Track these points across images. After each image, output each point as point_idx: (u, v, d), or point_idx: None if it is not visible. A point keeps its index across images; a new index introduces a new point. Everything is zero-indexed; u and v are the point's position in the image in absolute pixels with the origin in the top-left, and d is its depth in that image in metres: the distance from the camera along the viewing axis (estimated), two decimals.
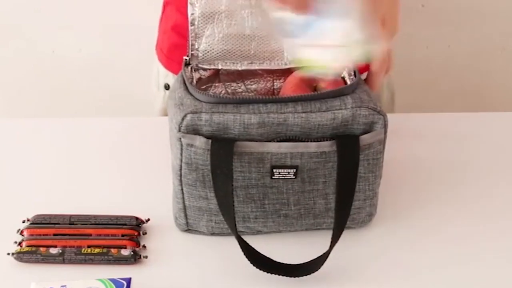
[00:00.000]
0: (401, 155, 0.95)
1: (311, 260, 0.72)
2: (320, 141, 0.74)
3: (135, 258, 0.75)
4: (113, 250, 0.75)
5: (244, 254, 0.72)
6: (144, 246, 0.78)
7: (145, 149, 0.97)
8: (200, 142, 0.73)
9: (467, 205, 0.87)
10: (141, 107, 1.33)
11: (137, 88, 1.56)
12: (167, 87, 1.12)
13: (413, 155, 0.96)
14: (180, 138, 0.74)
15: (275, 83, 0.88)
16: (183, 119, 0.73)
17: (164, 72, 1.12)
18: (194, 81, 0.84)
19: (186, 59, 0.83)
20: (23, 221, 0.80)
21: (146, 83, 1.22)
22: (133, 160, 0.94)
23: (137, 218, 0.81)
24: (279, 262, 0.72)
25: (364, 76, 0.82)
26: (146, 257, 0.76)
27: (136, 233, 0.79)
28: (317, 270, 0.72)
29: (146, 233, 0.80)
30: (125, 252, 0.75)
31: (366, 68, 0.82)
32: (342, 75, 0.83)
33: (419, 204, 0.87)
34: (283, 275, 0.72)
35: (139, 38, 1.37)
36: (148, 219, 0.81)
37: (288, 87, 0.83)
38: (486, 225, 0.83)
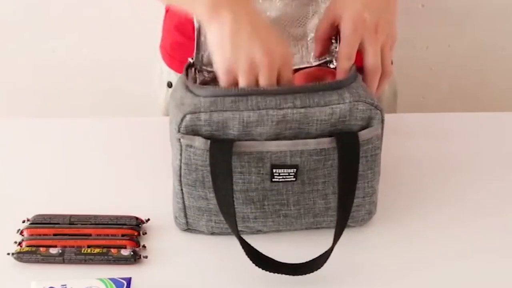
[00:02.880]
0: (401, 155, 0.95)
1: (313, 259, 0.72)
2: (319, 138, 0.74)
3: (135, 258, 0.75)
4: (113, 250, 0.75)
5: (246, 254, 0.72)
6: (144, 246, 0.78)
7: (146, 149, 0.97)
8: (199, 142, 0.73)
9: (467, 204, 0.87)
10: (142, 106, 1.33)
11: (139, 88, 1.57)
12: (169, 85, 1.12)
13: (413, 155, 0.96)
14: (180, 139, 0.74)
15: None
16: (182, 119, 0.73)
17: (167, 71, 1.13)
18: (198, 82, 0.84)
19: (190, 61, 0.83)
20: (23, 221, 0.80)
21: (148, 83, 1.22)
22: (134, 160, 0.94)
23: (137, 218, 0.81)
24: (281, 262, 0.72)
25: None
26: (146, 257, 0.76)
27: (136, 233, 0.79)
28: (319, 269, 0.72)
29: (146, 233, 0.80)
30: (125, 252, 0.75)
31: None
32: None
33: (418, 203, 0.87)
34: (285, 274, 0.72)
35: (141, 38, 1.37)
36: (148, 219, 0.81)
37: None
38: (485, 223, 0.83)
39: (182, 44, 1.05)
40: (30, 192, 0.88)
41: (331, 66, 0.86)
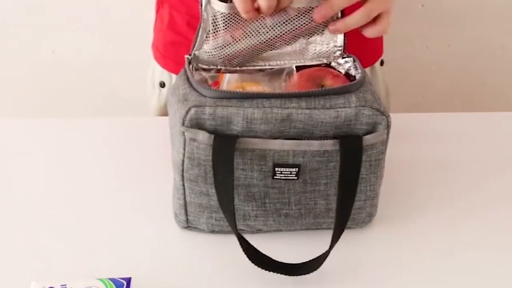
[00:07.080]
0: (400, 155, 0.95)
1: (311, 260, 0.72)
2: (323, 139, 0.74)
3: None
4: None
5: (244, 253, 0.72)
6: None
7: (146, 148, 0.97)
8: (203, 136, 0.73)
9: (467, 204, 0.87)
10: (141, 106, 1.33)
11: (138, 88, 1.57)
12: (162, 84, 1.12)
13: (412, 155, 0.96)
14: (184, 132, 0.74)
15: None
16: (187, 112, 0.73)
17: (159, 70, 1.12)
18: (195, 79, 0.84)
19: (188, 58, 0.83)
20: None
21: (146, 83, 1.22)
22: (133, 160, 0.94)
23: None
24: (279, 261, 0.72)
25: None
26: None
27: None
28: (316, 270, 0.72)
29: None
30: None
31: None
32: (349, 71, 0.83)
33: (418, 204, 0.87)
34: (281, 274, 0.72)
35: (139, 38, 1.37)
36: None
37: (293, 89, 0.82)
38: (486, 224, 0.83)
39: (176, 43, 1.04)
40: (29, 192, 0.88)
41: (333, 63, 0.86)
